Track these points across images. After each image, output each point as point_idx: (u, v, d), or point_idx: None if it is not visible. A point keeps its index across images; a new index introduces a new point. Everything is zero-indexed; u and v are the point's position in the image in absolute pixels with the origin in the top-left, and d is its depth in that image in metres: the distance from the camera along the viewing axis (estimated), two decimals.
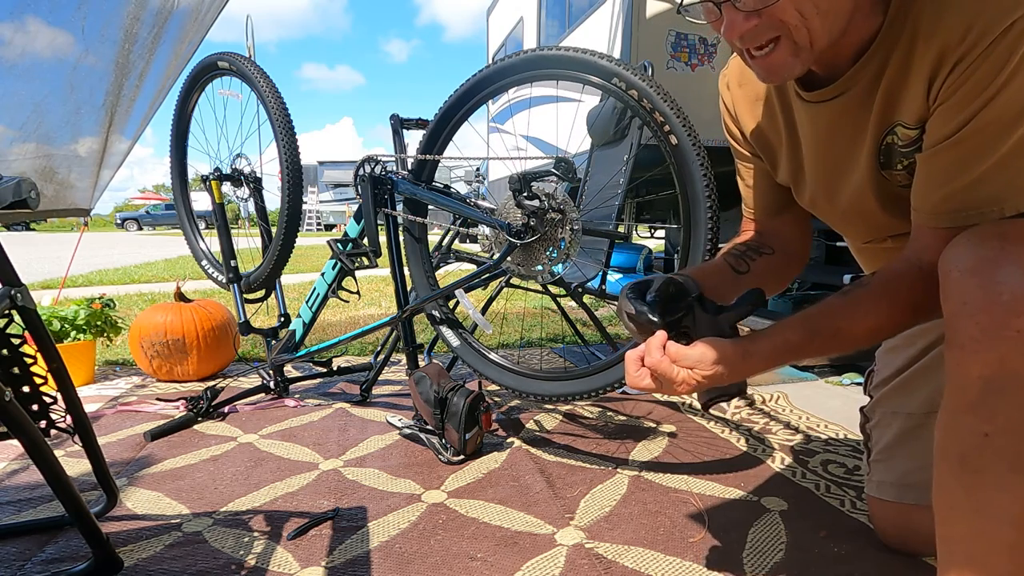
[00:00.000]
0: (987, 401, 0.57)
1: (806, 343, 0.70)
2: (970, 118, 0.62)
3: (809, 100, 0.78)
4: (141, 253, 9.37)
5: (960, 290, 0.59)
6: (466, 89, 1.38)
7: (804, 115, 0.82)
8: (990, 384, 0.56)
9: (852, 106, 0.74)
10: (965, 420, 0.59)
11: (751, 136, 0.93)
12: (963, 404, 0.59)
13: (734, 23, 0.65)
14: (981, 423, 0.57)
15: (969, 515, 0.59)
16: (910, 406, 0.93)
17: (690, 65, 3.12)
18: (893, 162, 0.74)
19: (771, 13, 0.63)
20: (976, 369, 0.57)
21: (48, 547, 0.98)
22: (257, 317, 2.53)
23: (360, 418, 1.61)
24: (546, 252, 1.23)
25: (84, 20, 0.97)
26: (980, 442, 0.57)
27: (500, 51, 6.44)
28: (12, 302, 0.85)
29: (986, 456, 0.57)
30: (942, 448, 0.62)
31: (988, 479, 0.57)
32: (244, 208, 1.89)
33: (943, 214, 0.66)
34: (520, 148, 4.73)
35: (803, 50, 0.66)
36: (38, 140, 1.12)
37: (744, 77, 0.91)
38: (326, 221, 21.83)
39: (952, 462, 0.61)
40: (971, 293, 0.57)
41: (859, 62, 0.71)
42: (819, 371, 2.04)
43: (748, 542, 0.99)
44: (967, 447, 0.59)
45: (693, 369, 0.68)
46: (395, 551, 0.97)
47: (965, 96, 0.62)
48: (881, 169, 0.75)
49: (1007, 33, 0.58)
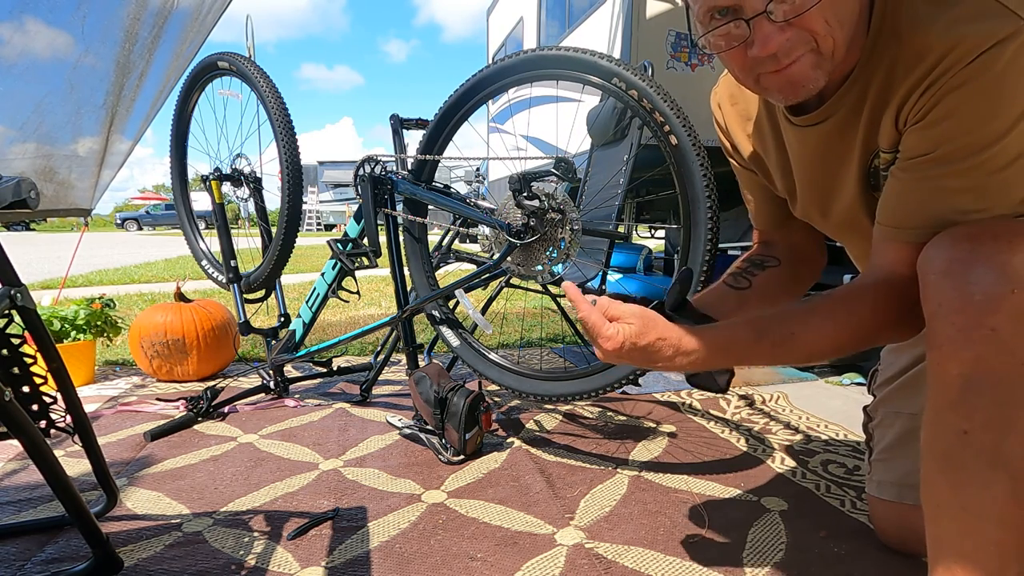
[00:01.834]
0: (966, 399, 0.58)
1: (753, 343, 0.70)
2: (941, 140, 0.63)
3: (797, 124, 0.79)
4: (141, 253, 9.37)
5: (936, 292, 0.60)
6: (466, 89, 1.38)
7: (793, 137, 0.83)
8: (968, 382, 0.57)
9: (837, 130, 0.75)
10: (946, 418, 0.60)
11: (744, 154, 0.94)
12: (944, 402, 0.60)
13: (769, 37, 0.63)
14: (960, 421, 0.58)
15: (955, 512, 0.60)
16: (912, 406, 0.93)
17: (690, 65, 3.12)
18: (881, 184, 0.74)
19: (801, 23, 0.63)
20: (954, 368, 0.58)
21: (48, 547, 0.98)
22: (257, 317, 2.53)
23: (360, 418, 1.61)
24: (546, 252, 1.23)
25: (84, 20, 0.97)
26: (960, 439, 0.59)
27: (500, 51, 6.44)
28: (12, 302, 0.85)
29: (967, 453, 0.58)
30: (927, 446, 0.63)
31: (970, 476, 0.58)
32: (244, 208, 1.89)
33: (910, 229, 0.68)
34: (520, 148, 4.73)
35: (825, 60, 0.66)
36: (38, 140, 1.12)
37: (736, 96, 0.92)
38: (326, 221, 21.84)
39: (937, 460, 0.62)
40: (945, 294, 0.59)
41: (842, 87, 0.72)
42: (819, 371, 2.04)
43: (748, 542, 0.99)
44: (949, 445, 0.60)
45: (620, 320, 0.70)
46: (395, 551, 0.97)
47: (935, 120, 0.63)
48: (873, 191, 0.76)
49: (976, 62, 0.59)
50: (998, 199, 0.63)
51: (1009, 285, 0.55)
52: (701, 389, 0.83)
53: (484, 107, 1.68)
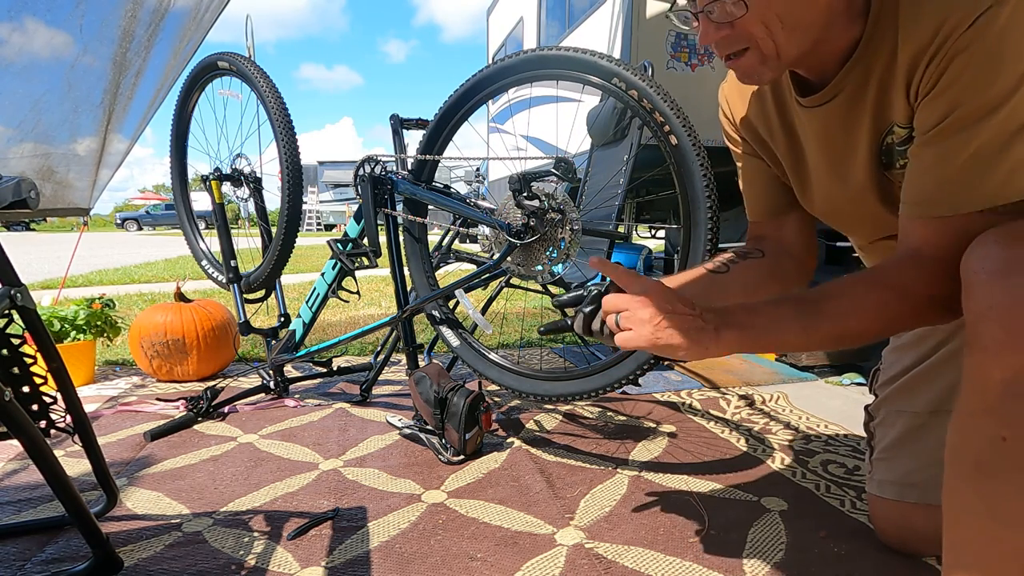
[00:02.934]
0: (1007, 405, 0.56)
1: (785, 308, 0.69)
2: (951, 107, 0.64)
3: (805, 105, 0.81)
4: (141, 253, 9.37)
5: (987, 292, 0.58)
6: (466, 89, 1.38)
7: (802, 119, 0.83)
8: (1011, 388, 0.56)
9: (844, 109, 0.76)
10: (982, 423, 0.58)
11: (752, 141, 0.95)
12: (981, 407, 0.58)
13: (707, 32, 0.72)
14: (999, 427, 0.57)
15: (982, 519, 0.58)
16: (915, 405, 0.93)
17: (690, 65, 3.12)
18: (894, 161, 0.75)
19: (740, 25, 0.69)
20: (997, 372, 0.56)
21: (48, 547, 0.98)
22: (257, 317, 2.53)
23: (360, 418, 1.61)
24: (546, 252, 1.23)
25: (82, 19, 0.96)
26: (997, 446, 0.57)
27: (500, 51, 6.44)
28: (12, 302, 0.85)
29: (1004, 461, 0.57)
30: (955, 450, 0.61)
31: (1004, 484, 0.57)
32: (244, 208, 1.89)
33: (936, 203, 0.67)
34: (520, 148, 4.73)
35: (770, 59, 0.71)
36: (36, 139, 1.12)
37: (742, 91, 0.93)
38: (326, 221, 21.83)
39: (966, 465, 0.60)
40: (998, 296, 0.57)
41: (844, 67, 0.74)
42: (819, 371, 2.04)
43: (748, 542, 0.99)
44: (983, 451, 0.58)
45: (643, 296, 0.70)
46: (395, 551, 0.97)
47: (943, 88, 0.64)
48: (884, 170, 0.76)
49: (974, 26, 0.61)
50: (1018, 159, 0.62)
51: None
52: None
53: (484, 107, 1.68)
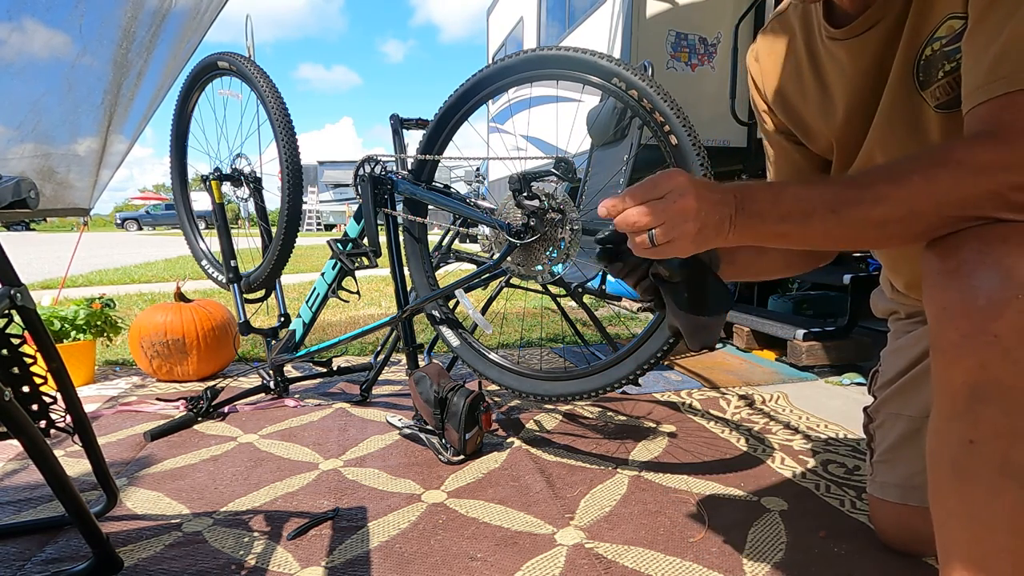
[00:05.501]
0: (971, 408, 0.57)
1: (816, 189, 0.64)
2: None
3: (838, 38, 0.79)
4: (141, 253, 9.37)
5: (940, 293, 0.59)
6: (466, 89, 1.38)
7: (833, 55, 0.81)
8: (973, 392, 0.56)
9: (882, 36, 0.74)
10: (952, 427, 0.59)
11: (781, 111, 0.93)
12: (950, 411, 0.59)
13: None
14: (967, 431, 0.57)
15: (965, 521, 0.59)
16: (913, 408, 0.93)
17: (690, 65, 3.12)
18: (934, 73, 0.71)
19: None
20: (959, 376, 0.57)
21: (48, 547, 0.98)
22: (257, 317, 2.53)
23: (360, 418, 1.61)
24: (546, 252, 1.23)
25: (82, 19, 0.97)
26: (967, 449, 0.57)
27: (500, 51, 6.44)
28: (12, 302, 0.85)
29: (975, 463, 0.57)
30: (934, 454, 0.62)
31: (979, 485, 0.57)
32: (244, 208, 1.89)
33: (1000, 79, 0.59)
34: (520, 148, 4.73)
35: None
36: (36, 139, 1.12)
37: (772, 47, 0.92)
38: (326, 221, 21.82)
39: (944, 469, 0.61)
40: (950, 298, 0.57)
41: None
42: (819, 371, 2.04)
43: (748, 542, 0.99)
44: (956, 455, 0.59)
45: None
46: (395, 551, 0.97)
47: None
48: (921, 90, 0.73)
49: None
50: None
51: (1013, 290, 0.53)
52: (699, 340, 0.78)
53: (484, 107, 1.68)
